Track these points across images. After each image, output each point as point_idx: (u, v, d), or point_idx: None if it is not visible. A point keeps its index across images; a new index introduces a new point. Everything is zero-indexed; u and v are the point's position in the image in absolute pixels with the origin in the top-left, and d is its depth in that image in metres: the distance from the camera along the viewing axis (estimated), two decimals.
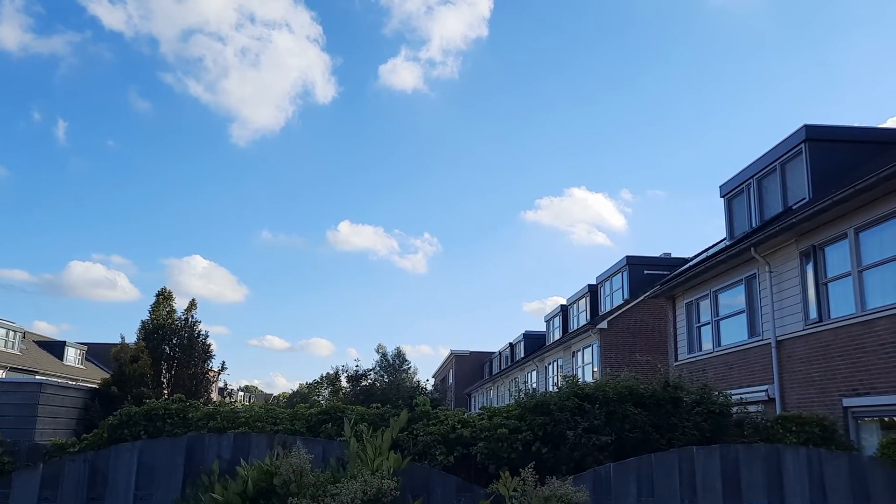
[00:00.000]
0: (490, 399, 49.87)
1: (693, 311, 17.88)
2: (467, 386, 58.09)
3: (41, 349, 48.04)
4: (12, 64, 77.32)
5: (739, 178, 16.89)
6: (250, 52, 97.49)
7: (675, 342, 18.81)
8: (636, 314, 26.05)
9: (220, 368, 20.92)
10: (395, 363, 36.61)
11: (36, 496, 4.69)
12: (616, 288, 28.81)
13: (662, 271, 25.82)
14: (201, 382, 19.64)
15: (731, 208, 17.39)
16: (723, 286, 16.20)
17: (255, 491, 4.07)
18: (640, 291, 26.17)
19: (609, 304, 29.01)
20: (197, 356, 19.75)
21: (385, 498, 3.95)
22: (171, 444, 4.73)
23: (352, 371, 31.50)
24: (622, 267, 28.23)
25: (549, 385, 32.30)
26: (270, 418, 7.55)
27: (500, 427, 7.37)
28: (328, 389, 37.58)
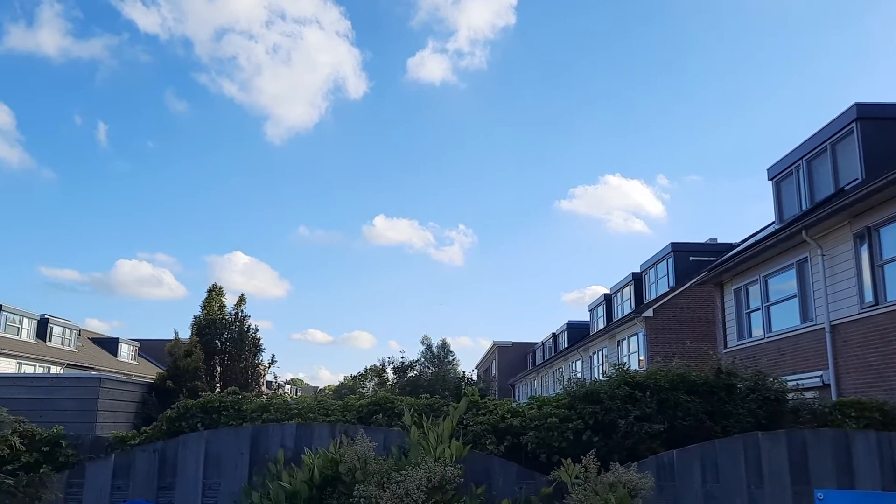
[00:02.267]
0: (534, 389, 49.79)
1: (742, 297, 17.60)
2: (510, 377, 58.06)
3: (96, 346, 49.44)
4: (53, 69, 79.46)
5: (788, 160, 16.55)
6: (281, 50, 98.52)
7: (724, 329, 18.54)
8: (682, 301, 25.72)
9: (270, 362, 21.30)
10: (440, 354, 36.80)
11: (109, 485, 4.87)
12: (661, 275, 28.48)
13: (708, 257, 25.43)
14: (252, 376, 20.02)
15: (780, 191, 17.05)
16: (773, 271, 15.91)
17: (321, 478, 4.17)
18: (686, 278, 25.82)
19: (654, 292, 28.70)
20: (247, 350, 20.14)
21: (449, 485, 4.01)
22: (236, 433, 4.87)
23: (398, 362, 31.77)
24: (667, 254, 27.89)
25: (594, 374, 32.14)
26: (322, 409, 7.71)
27: (549, 416, 7.38)
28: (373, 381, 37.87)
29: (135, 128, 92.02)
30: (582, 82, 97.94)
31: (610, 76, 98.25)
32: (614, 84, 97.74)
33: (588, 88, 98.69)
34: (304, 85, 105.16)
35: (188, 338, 19.93)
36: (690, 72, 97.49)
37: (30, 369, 37.10)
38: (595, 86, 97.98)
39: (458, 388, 21.15)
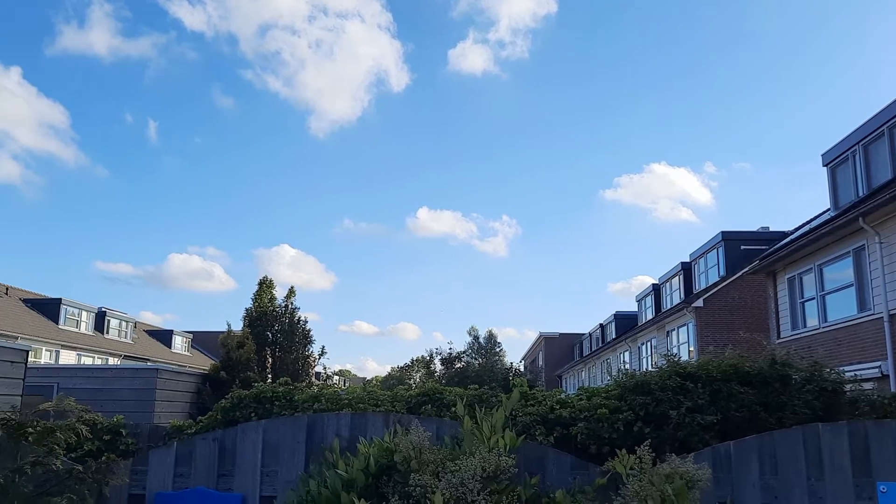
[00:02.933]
0: (581, 380, 49.53)
1: (796, 286, 17.22)
2: (557, 367, 57.83)
3: (151, 338, 50.82)
4: (104, 68, 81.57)
5: (843, 145, 16.10)
6: (324, 44, 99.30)
7: (777, 319, 18.18)
8: (733, 291, 25.26)
9: (320, 353, 21.62)
10: (487, 346, 36.84)
11: (171, 472, 5.02)
12: (711, 265, 28.00)
13: (760, 246, 24.90)
14: (302, 367, 20.35)
15: (835, 177, 16.61)
16: (828, 259, 15.53)
17: (377, 467, 4.25)
18: (737, 268, 25.34)
19: (704, 282, 28.24)
20: (297, 341, 20.47)
21: (503, 475, 4.04)
22: (293, 422, 4.98)
23: (446, 354, 31.92)
24: (717, 243, 27.40)
25: (642, 365, 31.82)
26: (372, 400, 7.83)
27: (599, 407, 7.35)
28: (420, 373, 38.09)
29: (183, 124, 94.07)
30: (625, 69, 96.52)
31: (654, 62, 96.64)
32: (659, 70, 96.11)
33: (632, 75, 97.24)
34: (347, 78, 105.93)
35: (240, 329, 20.35)
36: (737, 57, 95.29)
37: (89, 361, 38.33)
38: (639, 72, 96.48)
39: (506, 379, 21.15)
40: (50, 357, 35.29)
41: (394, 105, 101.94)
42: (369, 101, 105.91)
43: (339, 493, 4.08)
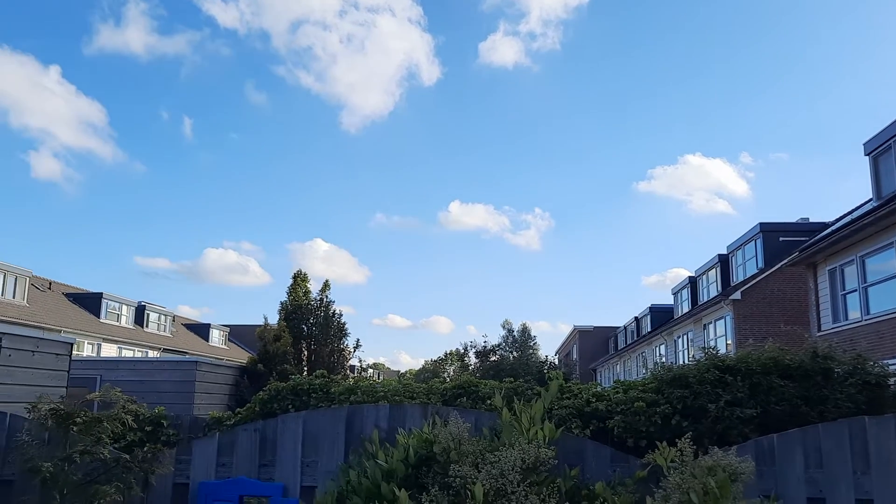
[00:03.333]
0: (616, 374, 49.22)
1: (837, 278, 16.89)
2: (592, 361, 57.53)
3: (189, 331, 51.69)
4: (140, 66, 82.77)
5: (886, 133, 15.72)
6: (355, 39, 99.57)
7: (818, 311, 17.85)
8: (772, 284, 24.86)
9: (355, 346, 21.79)
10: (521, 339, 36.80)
11: (214, 462, 5.11)
12: (749, 257, 27.58)
13: (800, 237, 24.46)
14: (338, 360, 20.54)
15: (878, 166, 16.23)
16: (871, 250, 15.20)
17: (417, 458, 4.29)
18: (776, 259, 24.92)
19: (742, 274, 27.84)
20: (332, 335, 20.65)
21: (543, 466, 4.05)
22: (332, 413, 5.04)
23: (480, 347, 31.98)
24: (755, 234, 26.97)
25: (679, 359, 31.51)
26: (407, 392, 7.88)
27: (636, 400, 7.31)
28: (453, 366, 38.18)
29: (218, 121, 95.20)
30: (658, 59, 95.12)
31: (687, 52, 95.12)
32: (692, 60, 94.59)
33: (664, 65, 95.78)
34: (379, 73, 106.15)
35: (276, 323, 20.61)
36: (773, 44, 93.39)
37: (129, 354, 39.16)
38: (672, 62, 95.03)
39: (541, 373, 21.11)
40: (92, 350, 36.10)
41: (425, 99, 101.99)
42: (401, 96, 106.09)
43: (380, 484, 4.13)
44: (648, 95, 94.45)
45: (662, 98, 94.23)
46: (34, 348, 9.76)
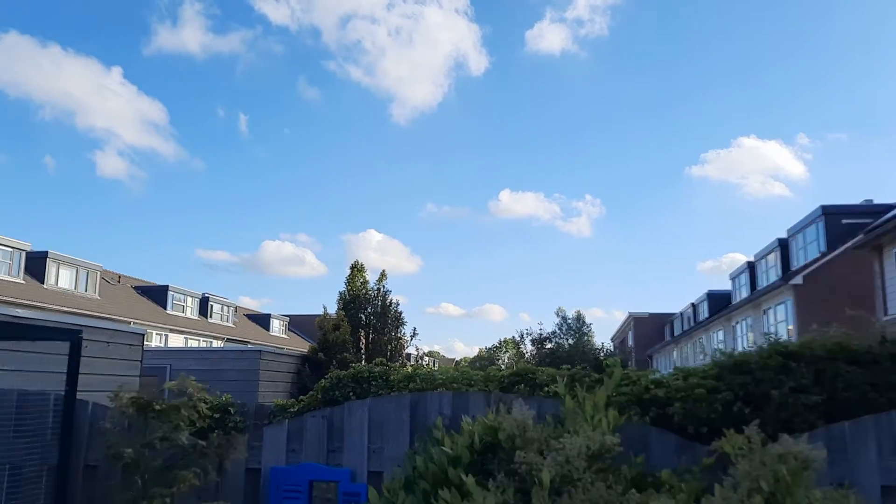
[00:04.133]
0: (672, 361, 48.55)
1: None
2: (647, 348, 56.84)
3: (250, 321, 52.94)
4: (197, 66, 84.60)
5: None
6: (403, 31, 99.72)
7: (884, 296, 17.32)
8: (834, 268, 24.15)
9: (412, 335, 22.05)
10: (575, 326, 36.62)
11: (284, 448, 5.30)
12: (810, 240, 26.84)
13: (864, 220, 23.66)
14: (395, 348, 20.84)
15: None
16: None
17: (482, 445, 4.38)
18: (839, 243, 24.22)
19: (802, 259, 27.12)
20: (390, 323, 20.95)
21: (608, 453, 4.09)
22: (397, 401, 5.17)
23: (536, 334, 31.97)
24: (816, 217, 26.22)
25: (737, 345, 30.92)
26: (465, 379, 7.98)
27: (696, 387, 7.25)
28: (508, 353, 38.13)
29: (271, 116, 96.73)
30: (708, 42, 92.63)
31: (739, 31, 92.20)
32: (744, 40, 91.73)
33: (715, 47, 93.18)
34: (427, 65, 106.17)
35: (335, 312, 21.00)
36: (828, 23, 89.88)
37: (195, 343, 40.35)
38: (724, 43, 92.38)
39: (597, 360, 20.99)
40: (160, 340, 37.32)
41: (473, 89, 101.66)
42: (449, 86, 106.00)
43: (446, 469, 4.23)
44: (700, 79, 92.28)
45: (714, 81, 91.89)
46: (109, 340, 10.19)
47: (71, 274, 34.30)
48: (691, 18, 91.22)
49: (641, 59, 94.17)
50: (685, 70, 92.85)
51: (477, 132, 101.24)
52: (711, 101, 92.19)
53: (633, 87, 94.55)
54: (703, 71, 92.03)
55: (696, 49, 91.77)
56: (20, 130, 72.89)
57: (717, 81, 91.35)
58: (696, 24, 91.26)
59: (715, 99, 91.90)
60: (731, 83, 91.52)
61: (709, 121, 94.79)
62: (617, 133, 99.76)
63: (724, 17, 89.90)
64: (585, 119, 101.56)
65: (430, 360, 73.86)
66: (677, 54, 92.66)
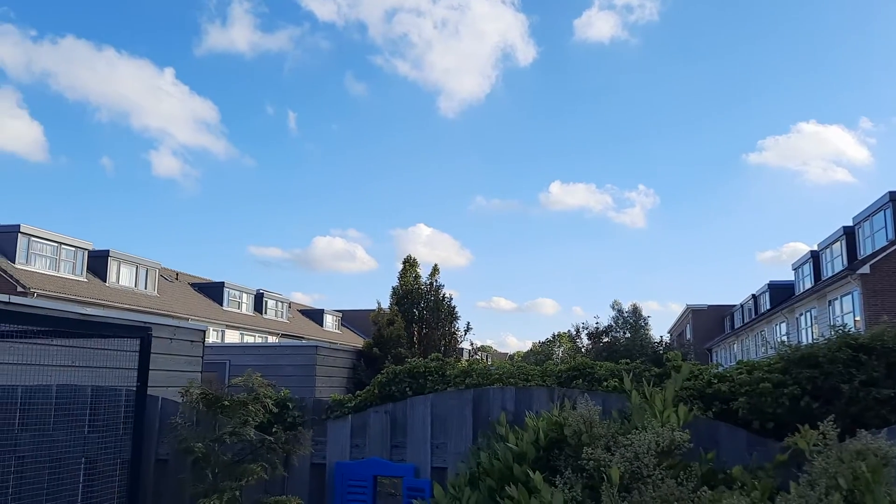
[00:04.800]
0: (733, 353, 47.53)
1: None
2: (706, 341, 55.72)
3: (304, 317, 53.76)
4: (246, 64, 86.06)
5: None
6: (449, 23, 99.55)
7: None
8: None
9: (466, 329, 22.05)
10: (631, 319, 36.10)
11: (348, 443, 5.35)
12: (878, 228, 25.90)
13: None
14: (449, 342, 20.88)
15: None
16: None
17: (547, 441, 4.35)
18: None
19: (870, 247, 26.20)
20: (443, 318, 21.00)
21: (678, 450, 4.02)
22: (459, 396, 5.17)
23: (592, 328, 31.67)
24: (885, 204, 25.27)
25: (801, 337, 30.09)
26: (521, 374, 7.93)
27: (762, 381, 7.07)
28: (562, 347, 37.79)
29: (319, 113, 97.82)
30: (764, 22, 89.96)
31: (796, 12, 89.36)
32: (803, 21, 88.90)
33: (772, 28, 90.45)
34: (474, 56, 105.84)
35: (388, 307, 21.15)
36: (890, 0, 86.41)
37: (250, 339, 41.18)
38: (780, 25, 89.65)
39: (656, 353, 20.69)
40: (216, 336, 38.18)
41: (521, 80, 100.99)
42: (497, 78, 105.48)
43: (512, 465, 4.21)
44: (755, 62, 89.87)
45: (771, 65, 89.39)
46: (172, 336, 10.45)
47: (131, 272, 35.35)
48: (745, 1, 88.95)
49: (694, 44, 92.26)
50: (739, 54, 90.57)
51: (525, 123, 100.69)
52: (768, 86, 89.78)
53: (686, 74, 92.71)
54: (758, 54, 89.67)
55: (751, 32, 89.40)
56: (79, 133, 75.58)
57: (773, 65, 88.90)
58: (750, 5, 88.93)
59: (772, 83, 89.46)
60: (789, 66, 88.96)
61: (766, 106, 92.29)
62: (670, 121, 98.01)
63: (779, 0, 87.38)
64: (637, 107, 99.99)
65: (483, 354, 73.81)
66: (731, 38, 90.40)
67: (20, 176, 74.82)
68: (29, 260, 29.49)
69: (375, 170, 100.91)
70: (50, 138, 75.19)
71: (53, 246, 30.96)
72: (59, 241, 31.18)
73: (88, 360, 6.62)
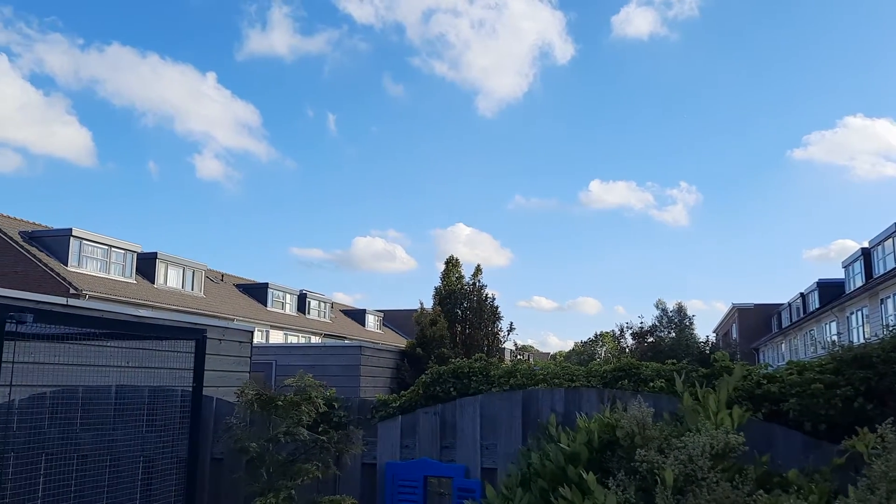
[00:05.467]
0: (781, 353, 46.62)
1: None
2: (753, 340, 54.70)
3: (346, 317, 54.24)
4: (286, 68, 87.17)
5: None
6: (486, 23, 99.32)
7: None
8: None
9: (509, 329, 22.03)
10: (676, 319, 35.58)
11: (398, 444, 5.42)
12: None
13: None
14: (492, 343, 20.88)
15: None
16: None
17: (599, 442, 4.35)
18: None
19: None
20: (486, 318, 21.01)
21: (732, 453, 4.00)
22: (508, 398, 5.20)
23: (636, 328, 31.38)
24: None
25: (852, 336, 29.36)
26: (566, 375, 7.89)
27: (813, 382, 6.94)
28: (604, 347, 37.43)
29: (358, 115, 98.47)
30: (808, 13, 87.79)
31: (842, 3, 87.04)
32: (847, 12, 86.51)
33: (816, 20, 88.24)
34: (511, 55, 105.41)
35: (431, 307, 21.24)
36: None
37: (294, 339, 41.70)
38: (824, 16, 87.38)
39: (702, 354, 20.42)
40: (261, 336, 38.71)
41: (560, 78, 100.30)
42: (535, 76, 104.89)
43: (564, 467, 4.23)
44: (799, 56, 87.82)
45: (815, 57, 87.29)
46: (221, 337, 10.67)
47: (178, 273, 36.11)
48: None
49: (735, 39, 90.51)
50: (783, 47, 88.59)
51: (564, 121, 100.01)
52: (813, 80, 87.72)
53: (728, 68, 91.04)
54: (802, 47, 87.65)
55: (794, 25, 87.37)
56: (126, 138, 77.31)
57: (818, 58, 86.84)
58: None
59: (817, 76, 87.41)
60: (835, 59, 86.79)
61: (811, 100, 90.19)
62: (711, 117, 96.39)
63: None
64: (677, 104, 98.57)
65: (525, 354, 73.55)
66: (773, 31, 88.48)
67: (71, 181, 77.22)
68: (80, 262, 30.34)
69: (414, 170, 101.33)
70: (98, 144, 77.24)
71: (104, 249, 31.79)
72: (110, 244, 32.00)
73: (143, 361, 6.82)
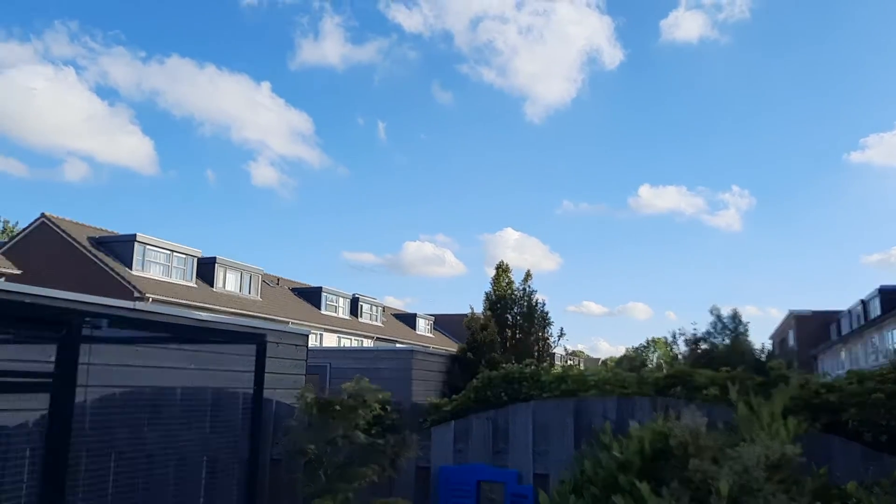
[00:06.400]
0: (841, 362, 45.20)
1: None
2: (811, 348, 53.17)
3: (397, 321, 54.61)
4: (337, 77, 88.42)
5: None
6: (534, 29, 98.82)
7: None
8: None
9: (560, 335, 21.94)
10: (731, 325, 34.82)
11: (452, 448, 5.51)
12: None
13: None
14: (543, 348, 20.83)
15: None
16: None
17: (652, 451, 4.37)
18: None
19: None
20: (536, 323, 20.98)
21: (788, 464, 3.97)
22: (560, 405, 5.24)
23: (689, 334, 30.88)
24: None
25: None
26: (618, 381, 7.86)
27: (874, 392, 6.78)
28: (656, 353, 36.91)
29: (408, 122, 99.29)
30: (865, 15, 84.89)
31: None
32: None
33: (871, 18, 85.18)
34: (559, 61, 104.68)
35: (481, 312, 21.30)
36: None
37: (347, 343, 42.21)
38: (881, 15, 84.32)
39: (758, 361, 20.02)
40: (314, 339, 39.27)
41: (608, 83, 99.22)
42: (583, 82, 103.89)
43: (616, 474, 4.26)
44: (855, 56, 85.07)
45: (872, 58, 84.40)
46: (278, 340, 10.91)
47: (236, 277, 36.93)
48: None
49: (788, 40, 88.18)
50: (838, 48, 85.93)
51: (613, 126, 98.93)
52: (870, 80, 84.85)
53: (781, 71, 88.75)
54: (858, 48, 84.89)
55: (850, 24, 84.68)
56: (186, 146, 79.70)
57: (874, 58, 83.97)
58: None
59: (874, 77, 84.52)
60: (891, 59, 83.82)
61: (868, 102, 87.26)
62: (764, 120, 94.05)
63: None
64: (729, 107, 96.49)
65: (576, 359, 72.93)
66: (828, 31, 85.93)
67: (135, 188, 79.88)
68: (144, 267, 31.31)
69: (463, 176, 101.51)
70: (160, 152, 79.79)
71: (166, 253, 32.75)
72: (171, 249, 32.96)
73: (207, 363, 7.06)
